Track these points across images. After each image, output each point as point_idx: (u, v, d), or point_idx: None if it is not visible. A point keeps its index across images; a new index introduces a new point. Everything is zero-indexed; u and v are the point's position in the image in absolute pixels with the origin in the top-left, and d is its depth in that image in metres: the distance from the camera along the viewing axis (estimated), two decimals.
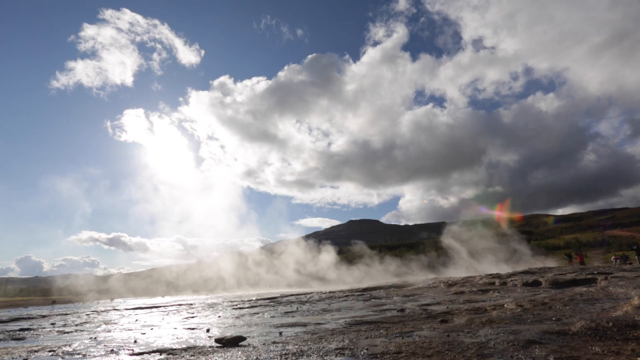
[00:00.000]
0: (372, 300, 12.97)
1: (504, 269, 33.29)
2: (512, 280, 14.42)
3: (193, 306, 17.18)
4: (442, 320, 6.53)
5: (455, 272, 38.97)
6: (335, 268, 49.89)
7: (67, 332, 9.00)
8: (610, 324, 4.50)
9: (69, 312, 18.36)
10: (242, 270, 53.48)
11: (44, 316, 16.05)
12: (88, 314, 15.95)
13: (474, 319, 6.32)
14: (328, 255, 51.60)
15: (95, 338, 7.49)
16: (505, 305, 7.81)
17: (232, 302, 18.89)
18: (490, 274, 20.02)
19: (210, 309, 14.65)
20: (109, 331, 8.78)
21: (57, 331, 9.37)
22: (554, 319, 5.77)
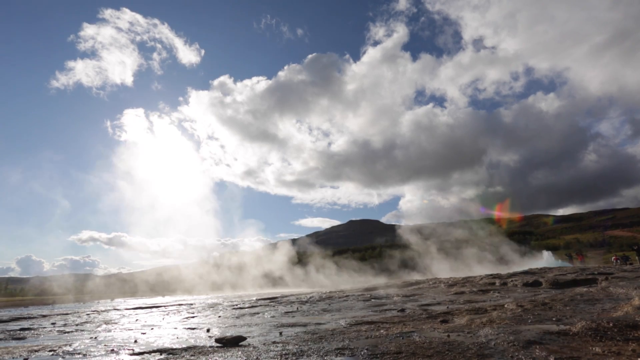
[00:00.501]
0: (372, 300, 12.96)
1: (488, 270, 33.17)
2: (512, 281, 14.40)
3: (193, 306, 17.19)
4: (443, 320, 6.52)
5: (441, 274, 38.96)
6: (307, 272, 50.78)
7: (68, 332, 9.00)
8: (611, 325, 4.49)
9: (69, 312, 18.37)
10: (214, 273, 54.59)
11: (44, 316, 16.06)
12: (88, 314, 15.96)
13: (474, 319, 6.31)
14: (281, 257, 52.70)
15: (95, 338, 7.50)
16: (505, 306, 7.81)
17: (232, 302, 18.90)
18: (491, 274, 20.01)
19: (211, 309, 14.66)
20: (110, 331, 8.78)
21: (58, 331, 9.38)
22: (554, 319, 5.77)
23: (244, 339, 5.81)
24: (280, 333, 6.57)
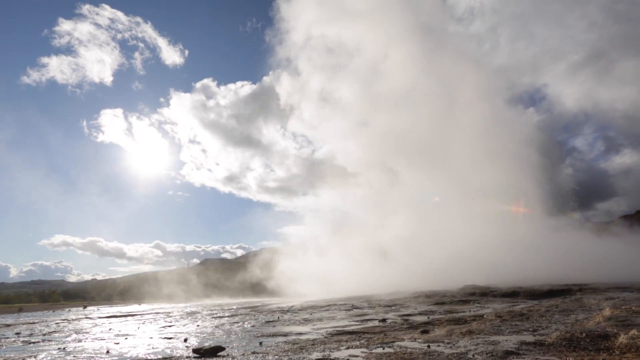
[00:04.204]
0: (354, 310, 12.92)
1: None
2: (492, 291, 14.70)
3: (171, 315, 16.63)
4: (423, 330, 6.56)
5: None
6: None
7: (33, 342, 8.52)
8: (584, 335, 4.63)
9: (36, 321, 17.42)
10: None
11: (8, 325, 15.16)
12: (57, 323, 15.17)
13: (454, 329, 6.38)
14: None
15: (64, 349, 7.12)
16: (484, 316, 7.94)
17: (212, 310, 18.41)
18: (471, 285, 20.35)
19: (189, 317, 14.23)
20: (80, 341, 8.37)
21: (22, 341, 8.86)
22: (531, 329, 5.90)
23: (223, 349, 5.66)
24: (261, 343, 6.44)
